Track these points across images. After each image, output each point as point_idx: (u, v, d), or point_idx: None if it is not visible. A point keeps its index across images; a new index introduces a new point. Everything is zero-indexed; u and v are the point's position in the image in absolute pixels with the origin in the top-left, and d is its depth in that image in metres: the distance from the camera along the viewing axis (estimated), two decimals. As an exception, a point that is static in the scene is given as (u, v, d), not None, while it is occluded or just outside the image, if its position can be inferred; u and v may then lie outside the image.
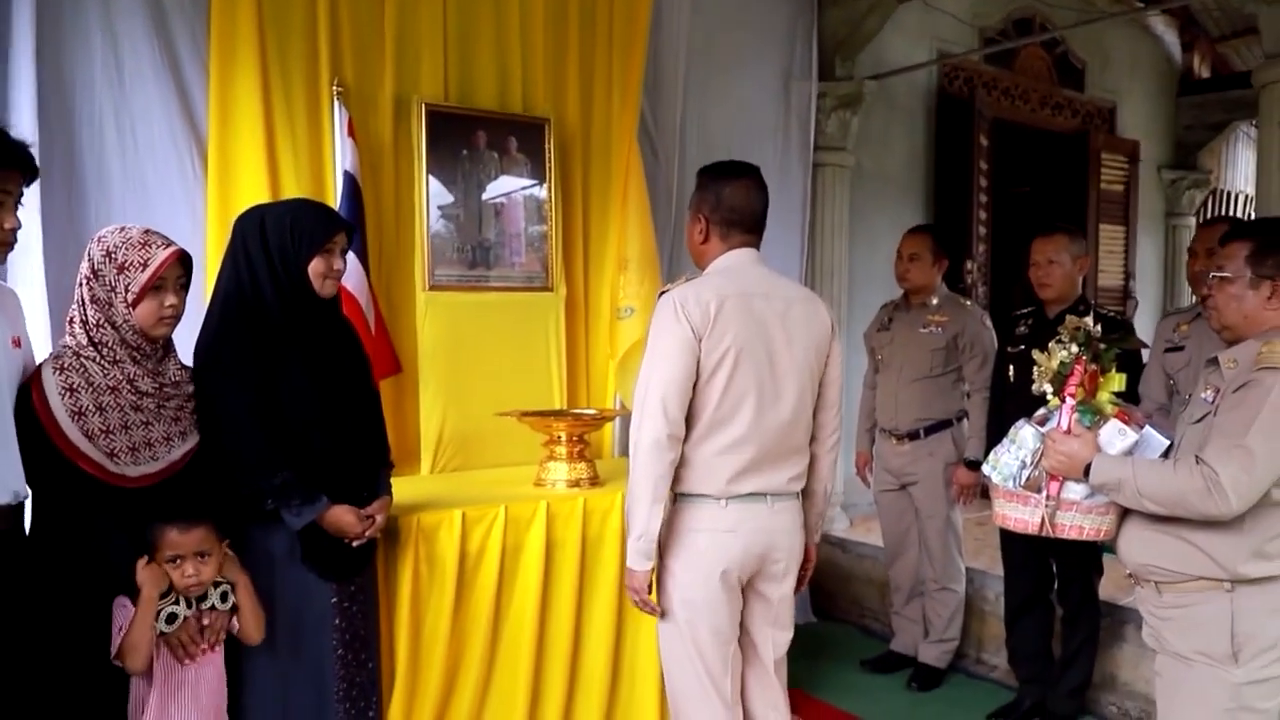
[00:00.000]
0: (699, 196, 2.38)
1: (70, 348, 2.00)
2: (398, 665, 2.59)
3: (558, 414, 3.30)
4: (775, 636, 2.39)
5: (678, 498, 2.27)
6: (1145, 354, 3.13)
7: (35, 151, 1.93)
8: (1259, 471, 1.84)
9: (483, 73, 3.49)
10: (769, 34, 4.57)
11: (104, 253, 2.01)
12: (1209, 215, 7.66)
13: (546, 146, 3.54)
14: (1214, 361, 2.04)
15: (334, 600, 2.31)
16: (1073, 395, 2.17)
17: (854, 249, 5.04)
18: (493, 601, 2.71)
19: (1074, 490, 2.12)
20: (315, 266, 2.27)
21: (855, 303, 4.98)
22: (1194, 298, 3.09)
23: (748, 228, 2.32)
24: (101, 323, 2.00)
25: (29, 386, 1.95)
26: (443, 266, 3.34)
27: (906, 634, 3.96)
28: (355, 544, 2.31)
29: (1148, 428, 2.12)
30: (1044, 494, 2.14)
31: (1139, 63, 7.08)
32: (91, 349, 2.00)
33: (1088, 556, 3.25)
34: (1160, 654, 2.06)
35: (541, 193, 3.56)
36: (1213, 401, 1.98)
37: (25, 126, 2.49)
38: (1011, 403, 3.33)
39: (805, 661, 3.89)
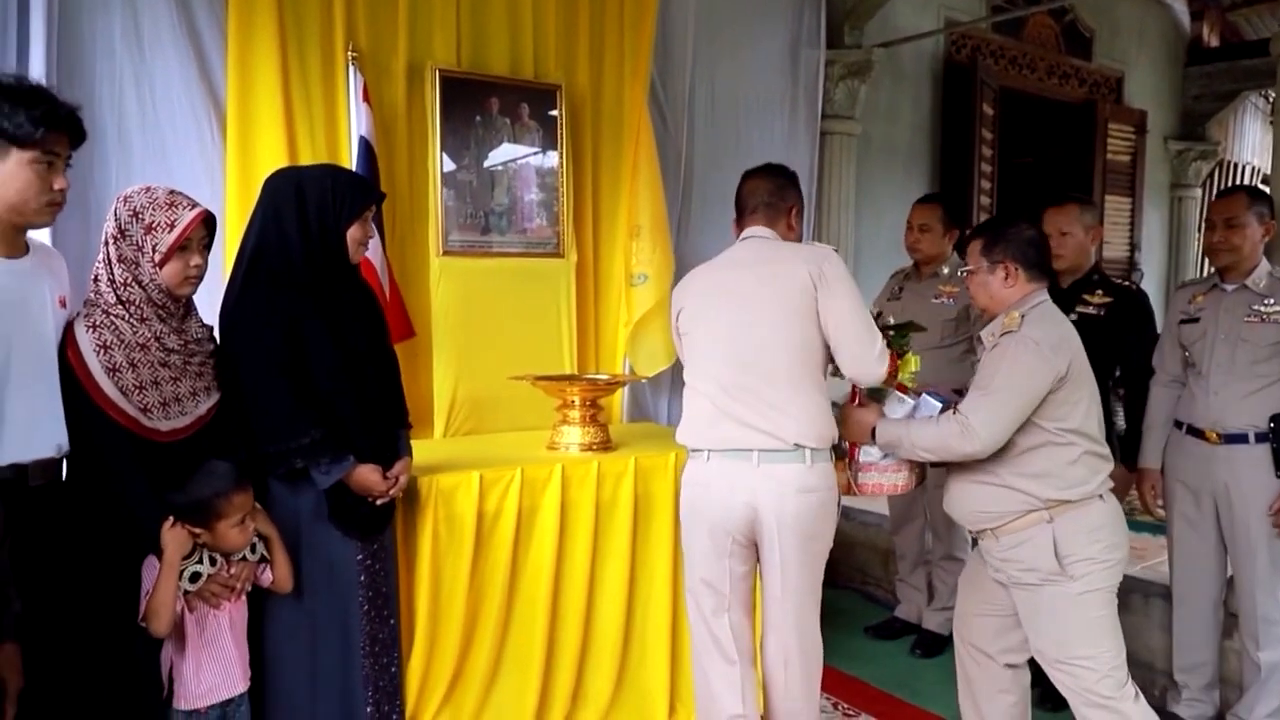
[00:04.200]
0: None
1: (99, 306, 2.03)
2: (417, 622, 2.63)
3: (571, 379, 3.33)
4: (781, 593, 2.43)
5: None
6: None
7: None
8: (1002, 412, 2.22)
9: (495, 39, 3.49)
10: (778, 1, 4.55)
11: (131, 213, 2.03)
12: (1217, 187, 7.66)
13: (558, 113, 3.55)
14: (980, 340, 2.45)
15: (359, 558, 2.35)
16: None
17: (860, 219, 5.05)
18: (509, 561, 2.75)
19: (870, 453, 2.50)
20: (353, 232, 2.31)
21: (862, 273, 4.95)
22: (1209, 268, 3.10)
23: (750, 209, 2.57)
24: (129, 281, 2.03)
25: (63, 344, 1.99)
26: (456, 232, 3.36)
27: (911, 601, 4.00)
28: (379, 503, 2.35)
29: (924, 394, 2.49)
30: (848, 459, 2.51)
31: (1147, 31, 7.05)
32: (120, 307, 2.02)
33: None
34: (1012, 589, 2.36)
35: (553, 159, 3.57)
36: None
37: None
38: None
39: (811, 626, 3.95)
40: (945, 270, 3.74)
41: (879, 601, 4.40)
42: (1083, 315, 3.15)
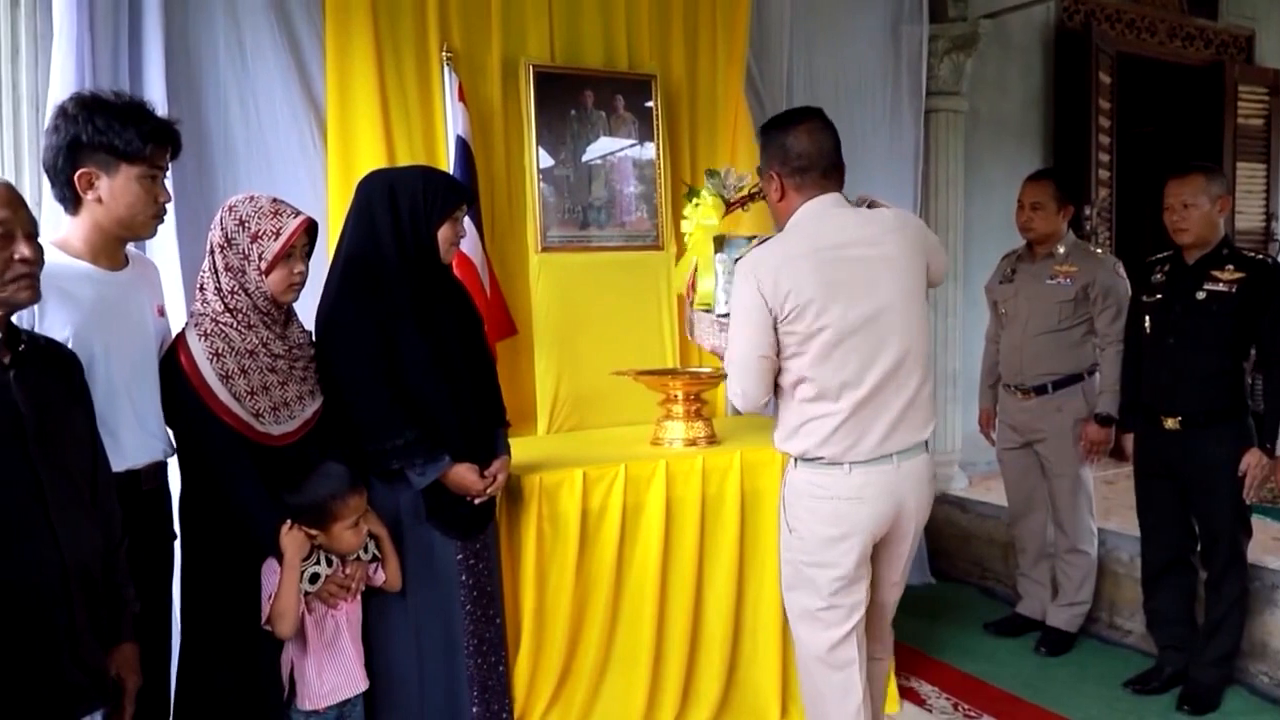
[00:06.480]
0: (765, 154, 2.27)
1: (207, 314, 2.07)
2: (523, 621, 2.63)
3: (674, 373, 3.29)
4: (899, 582, 2.42)
5: (798, 461, 2.25)
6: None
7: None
8: None
9: (588, 32, 3.48)
10: (877, -23, 4.40)
11: (237, 221, 2.07)
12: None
13: (654, 104, 3.51)
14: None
15: (460, 557, 2.36)
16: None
17: (970, 199, 4.84)
18: (615, 559, 2.72)
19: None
20: (444, 233, 2.32)
21: (972, 256, 4.79)
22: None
23: (822, 171, 2.19)
24: (236, 289, 2.07)
25: (175, 352, 2.04)
26: (554, 228, 3.35)
27: (1033, 596, 3.83)
28: (477, 502, 2.35)
29: None
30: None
31: (1280, -16, 6.58)
32: (227, 315, 2.06)
33: (1234, 516, 3.07)
34: None
35: (650, 151, 3.53)
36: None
37: (155, 105, 2.58)
38: (1148, 355, 3.17)
39: (925, 623, 3.82)
40: (1061, 249, 3.56)
41: (998, 597, 4.25)
42: (1211, 293, 2.98)
